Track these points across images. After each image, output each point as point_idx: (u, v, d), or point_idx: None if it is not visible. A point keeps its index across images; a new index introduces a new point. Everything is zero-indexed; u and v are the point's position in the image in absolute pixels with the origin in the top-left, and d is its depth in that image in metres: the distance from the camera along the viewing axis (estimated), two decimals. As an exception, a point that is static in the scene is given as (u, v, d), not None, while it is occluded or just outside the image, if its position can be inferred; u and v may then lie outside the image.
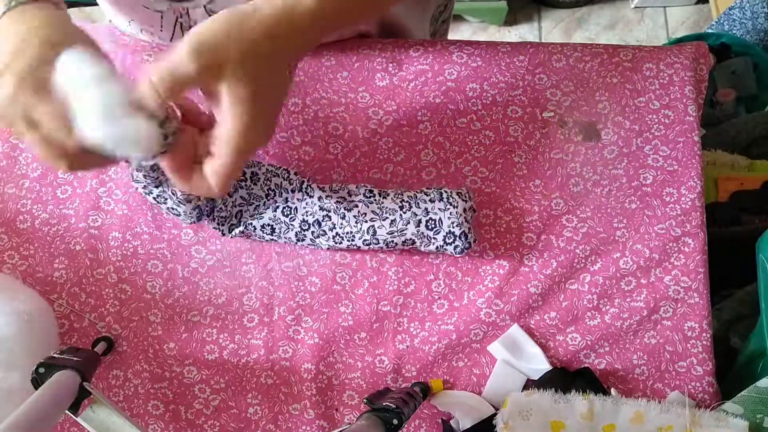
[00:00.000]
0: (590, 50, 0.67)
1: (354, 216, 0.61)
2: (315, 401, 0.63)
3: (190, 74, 0.41)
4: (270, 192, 0.63)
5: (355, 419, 0.53)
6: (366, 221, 0.61)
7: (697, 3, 1.77)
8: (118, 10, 0.64)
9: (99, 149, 0.42)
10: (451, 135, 0.66)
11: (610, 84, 0.66)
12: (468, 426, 0.61)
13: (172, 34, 0.65)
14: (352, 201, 0.62)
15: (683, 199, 0.64)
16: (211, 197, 0.62)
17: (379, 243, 0.61)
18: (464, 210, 0.61)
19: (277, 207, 0.63)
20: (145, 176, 0.59)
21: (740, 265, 0.69)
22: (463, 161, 0.66)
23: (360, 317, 0.64)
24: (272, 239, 0.64)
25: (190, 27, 0.63)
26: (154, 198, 0.61)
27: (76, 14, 1.41)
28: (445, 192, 0.62)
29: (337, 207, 0.61)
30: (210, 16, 0.62)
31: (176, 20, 0.63)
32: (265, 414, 0.64)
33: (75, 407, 0.51)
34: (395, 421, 0.50)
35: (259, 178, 0.63)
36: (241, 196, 0.63)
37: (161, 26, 0.64)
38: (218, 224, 0.63)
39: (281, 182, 0.63)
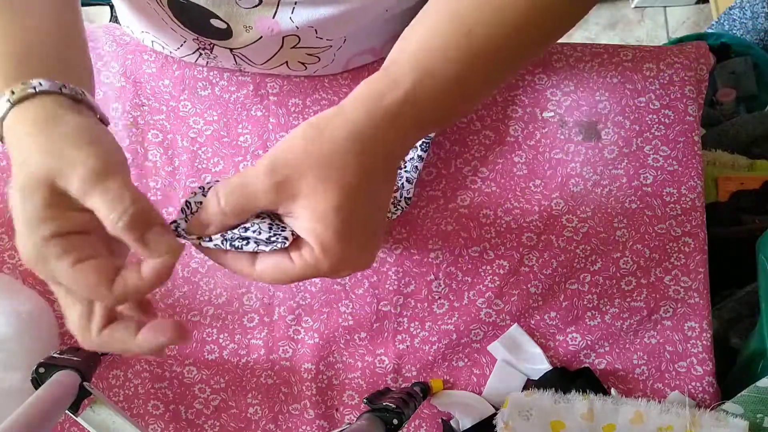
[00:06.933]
0: (590, 50, 0.67)
1: None
2: (315, 401, 0.63)
3: (261, 190, 0.37)
4: None
5: (355, 419, 0.53)
6: None
7: (697, 3, 1.77)
8: (137, 20, 0.64)
9: None
10: (451, 135, 0.66)
11: (610, 84, 0.66)
12: (468, 426, 0.61)
13: (188, 55, 0.65)
14: None
15: (683, 199, 0.64)
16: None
17: None
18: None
19: None
20: None
21: (740, 265, 0.69)
22: (463, 161, 0.66)
23: (360, 317, 0.64)
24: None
25: (208, 59, 0.64)
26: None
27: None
28: None
29: None
30: (236, 60, 0.62)
31: (198, 49, 0.63)
32: (265, 414, 0.64)
33: (75, 407, 0.51)
34: (395, 421, 0.50)
35: None
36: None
37: (179, 47, 0.64)
38: None
39: None
